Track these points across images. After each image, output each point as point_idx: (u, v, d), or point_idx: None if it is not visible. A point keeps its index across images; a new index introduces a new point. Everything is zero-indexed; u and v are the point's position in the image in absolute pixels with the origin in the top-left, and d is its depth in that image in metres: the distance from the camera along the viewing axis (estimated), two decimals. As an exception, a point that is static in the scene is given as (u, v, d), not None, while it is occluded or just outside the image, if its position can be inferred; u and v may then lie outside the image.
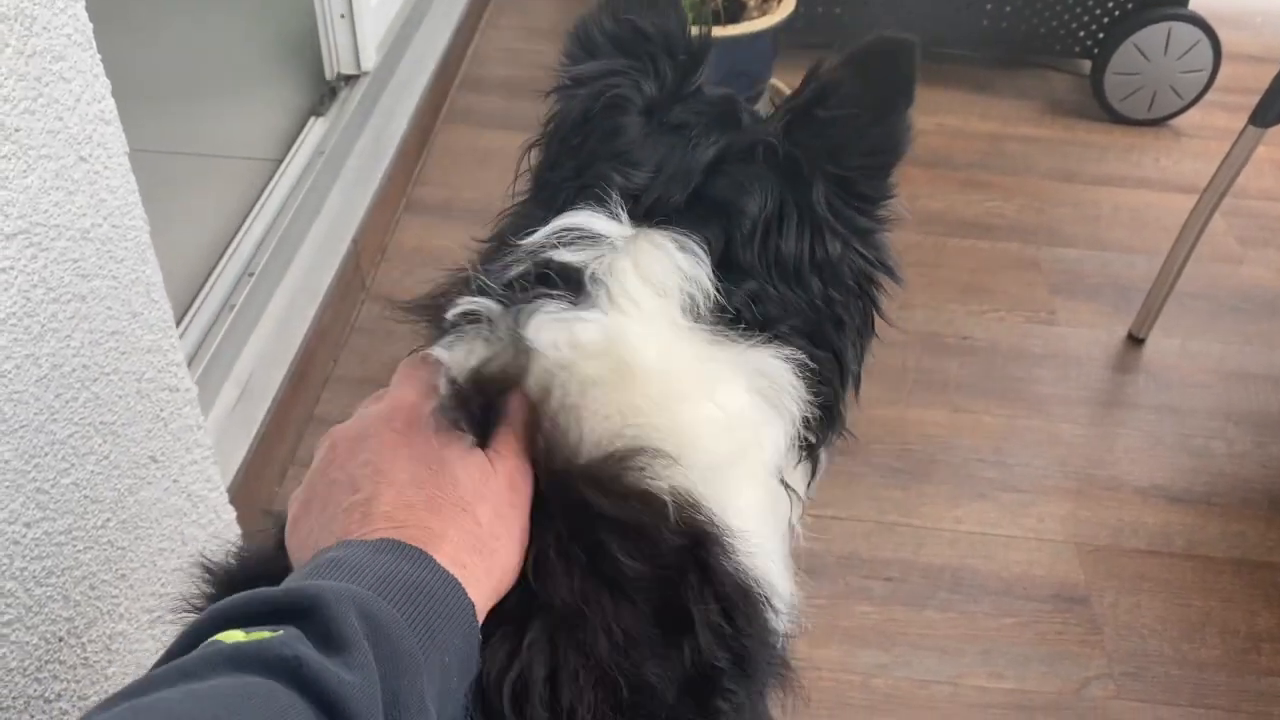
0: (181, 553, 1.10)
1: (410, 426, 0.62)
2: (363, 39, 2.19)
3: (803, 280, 0.72)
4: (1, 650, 0.84)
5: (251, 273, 1.73)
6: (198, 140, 2.14)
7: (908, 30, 0.71)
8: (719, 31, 2.11)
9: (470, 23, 2.78)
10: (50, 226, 0.81)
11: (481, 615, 0.55)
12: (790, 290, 0.71)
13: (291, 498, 0.64)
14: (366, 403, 0.68)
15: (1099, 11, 2.53)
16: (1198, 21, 2.45)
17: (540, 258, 0.68)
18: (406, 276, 2.05)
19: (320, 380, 1.80)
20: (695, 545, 0.62)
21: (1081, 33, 2.57)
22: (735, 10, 2.24)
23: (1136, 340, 2.00)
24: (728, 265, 0.70)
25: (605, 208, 0.70)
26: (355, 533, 0.56)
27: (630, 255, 0.68)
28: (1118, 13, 2.52)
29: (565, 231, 0.68)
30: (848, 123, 0.72)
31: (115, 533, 0.97)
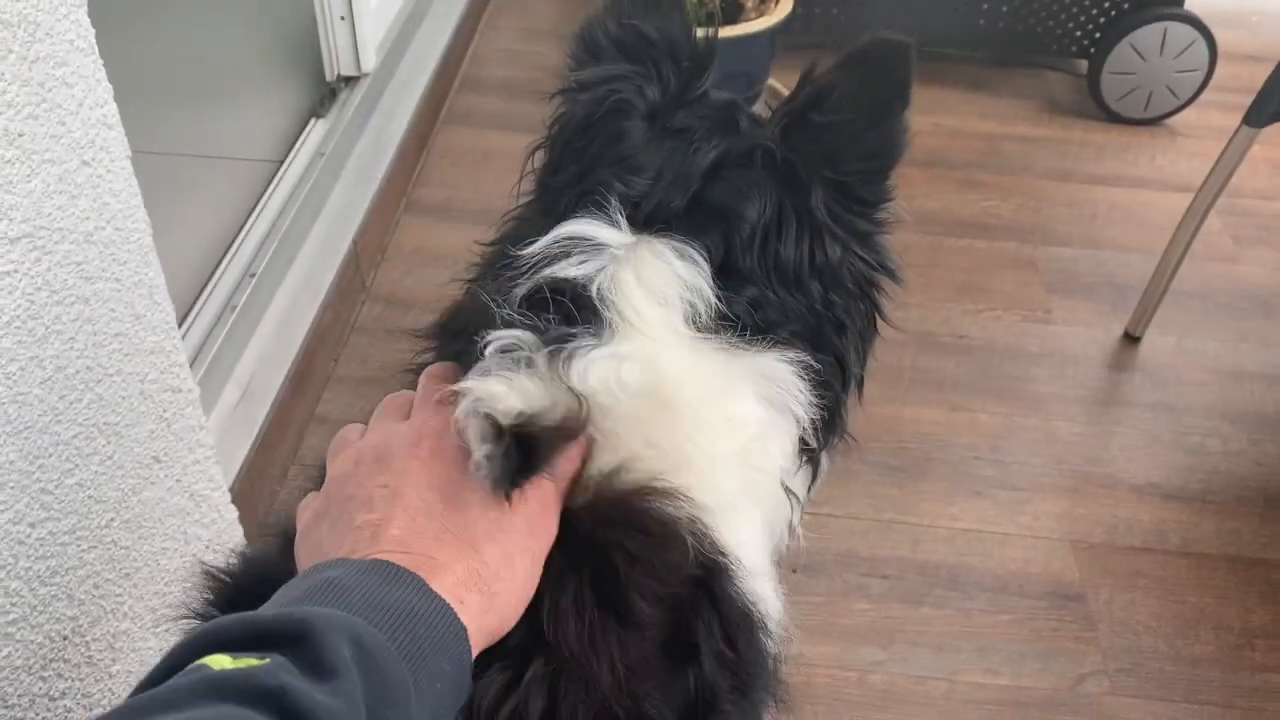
0: (184, 552, 1.11)
1: (435, 456, 0.61)
2: (363, 41, 2.20)
3: (803, 285, 0.72)
4: (7, 648, 0.85)
5: (253, 274, 1.73)
6: (199, 142, 2.14)
7: (904, 30, 0.71)
8: (717, 32, 2.11)
9: (470, 24, 2.78)
10: (54, 230, 0.82)
11: (474, 653, 0.55)
12: (791, 295, 0.71)
13: (303, 504, 0.65)
14: (383, 410, 0.68)
15: (1095, 11, 2.54)
16: (1194, 21, 2.46)
17: (544, 272, 0.67)
18: (406, 277, 2.05)
19: (321, 380, 1.81)
20: (707, 576, 0.62)
21: (1078, 32, 2.58)
22: (733, 11, 2.24)
23: (1132, 339, 2.00)
24: (728, 271, 0.69)
25: (605, 215, 0.69)
26: (361, 551, 0.56)
27: (631, 265, 0.67)
28: (1114, 12, 2.53)
29: (566, 240, 0.68)
30: (843, 128, 0.71)
31: (119, 532, 0.98)
